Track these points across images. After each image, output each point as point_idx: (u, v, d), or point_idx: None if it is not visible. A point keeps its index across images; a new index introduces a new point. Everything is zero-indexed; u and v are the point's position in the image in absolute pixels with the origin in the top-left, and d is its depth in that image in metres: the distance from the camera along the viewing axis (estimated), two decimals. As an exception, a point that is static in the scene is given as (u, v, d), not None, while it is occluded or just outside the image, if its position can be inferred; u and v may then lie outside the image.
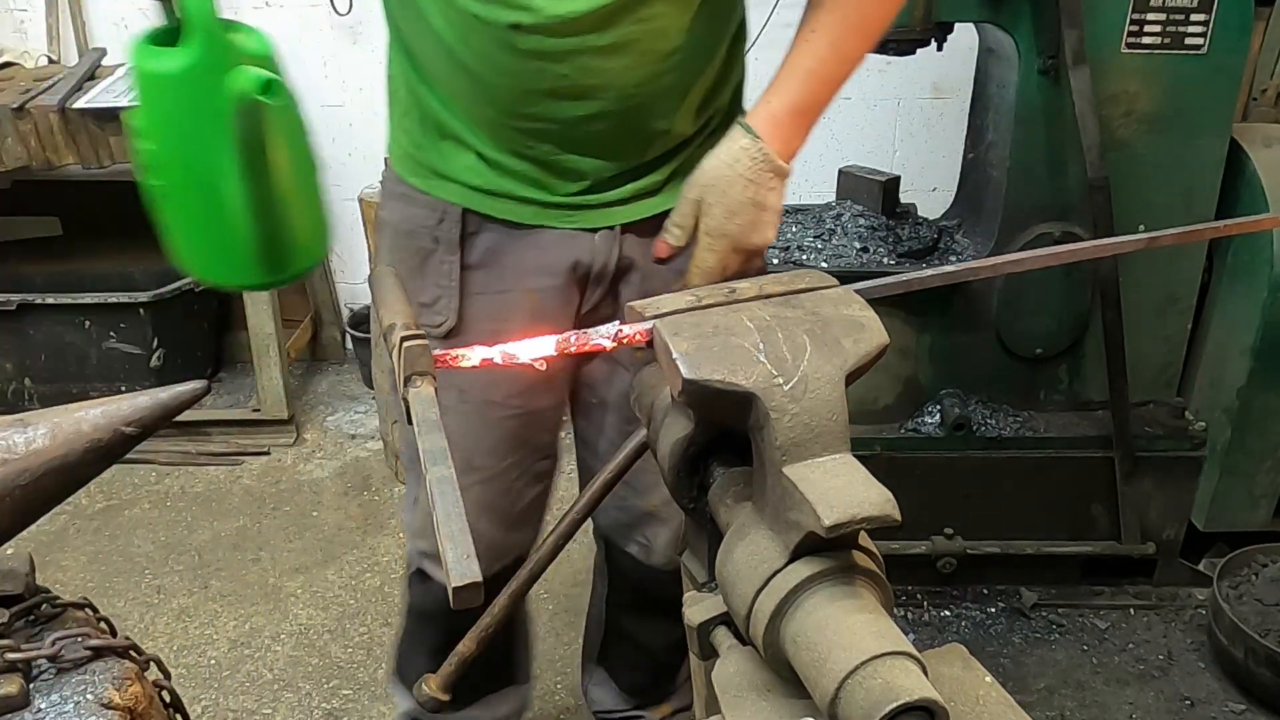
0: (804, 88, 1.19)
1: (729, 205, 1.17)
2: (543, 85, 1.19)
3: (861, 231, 2.32)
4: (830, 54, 1.18)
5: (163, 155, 1.04)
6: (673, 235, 1.21)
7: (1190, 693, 2.23)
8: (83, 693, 0.90)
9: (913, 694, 0.66)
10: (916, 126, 3.40)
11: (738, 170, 1.17)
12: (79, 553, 2.73)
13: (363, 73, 3.28)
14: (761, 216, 1.18)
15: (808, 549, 0.75)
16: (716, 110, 1.35)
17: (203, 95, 1.00)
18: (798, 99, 1.19)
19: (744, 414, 0.79)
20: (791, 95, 1.19)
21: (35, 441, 0.90)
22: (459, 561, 0.66)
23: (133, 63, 1.03)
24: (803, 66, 1.19)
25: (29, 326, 3.10)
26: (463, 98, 1.27)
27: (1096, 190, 2.05)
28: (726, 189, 1.16)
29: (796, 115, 1.19)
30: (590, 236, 1.35)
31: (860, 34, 1.20)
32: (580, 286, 1.39)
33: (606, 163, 1.29)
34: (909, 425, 2.37)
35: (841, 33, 1.18)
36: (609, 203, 1.33)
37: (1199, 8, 2.00)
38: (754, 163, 1.17)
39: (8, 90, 2.91)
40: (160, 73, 0.99)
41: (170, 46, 1.01)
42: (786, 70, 1.20)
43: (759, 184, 1.17)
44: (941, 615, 2.46)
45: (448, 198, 1.34)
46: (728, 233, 1.18)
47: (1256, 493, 2.35)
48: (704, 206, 1.17)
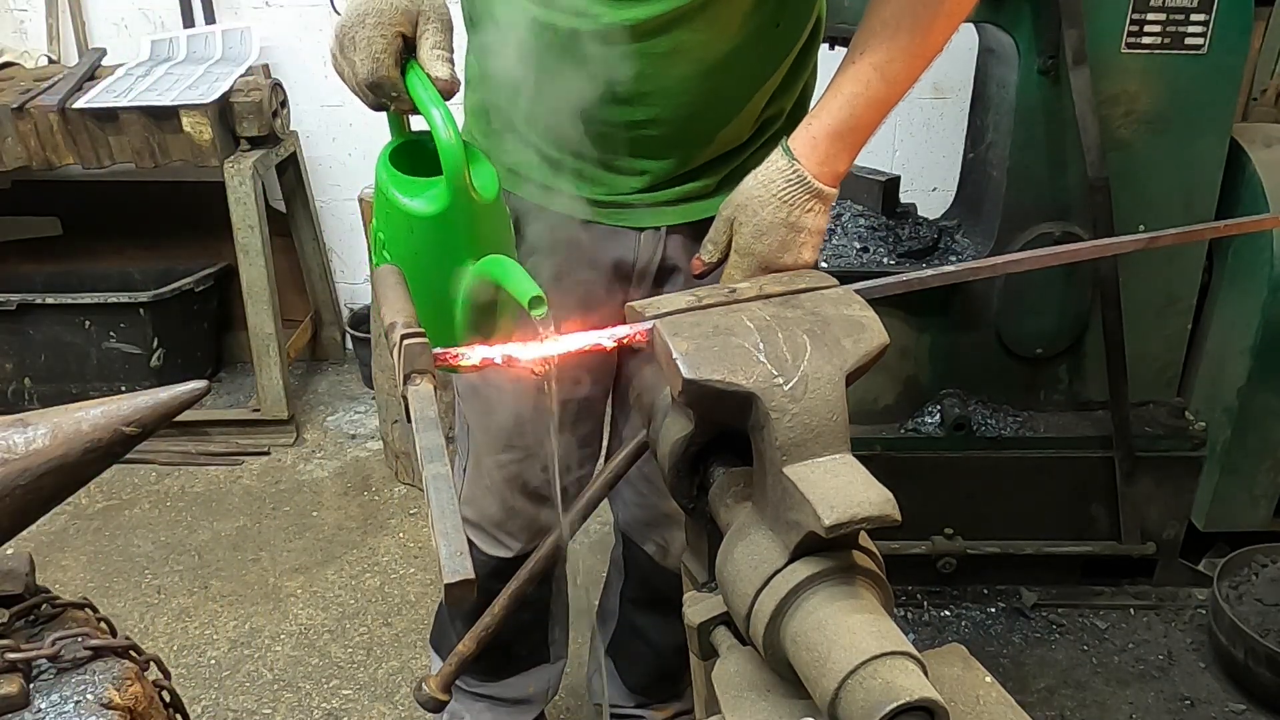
0: (846, 111, 1.18)
1: (758, 225, 1.16)
2: (600, 90, 1.22)
3: (861, 231, 2.32)
4: (876, 77, 1.18)
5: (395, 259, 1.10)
6: (706, 252, 1.21)
7: (1190, 693, 2.23)
8: (83, 693, 0.90)
9: (913, 694, 0.66)
10: (916, 126, 3.40)
11: (771, 191, 1.16)
12: (79, 553, 2.73)
13: (363, 73, 3.28)
14: (795, 238, 1.17)
15: (808, 549, 0.75)
16: (775, 115, 1.37)
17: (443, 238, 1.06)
18: (839, 122, 1.18)
19: (744, 414, 0.79)
20: (833, 118, 1.18)
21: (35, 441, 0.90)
22: (452, 558, 0.66)
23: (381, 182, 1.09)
24: (846, 90, 1.19)
25: (29, 326, 3.10)
26: (526, 96, 1.28)
27: (1096, 190, 2.05)
28: (758, 209, 1.16)
29: (837, 138, 1.18)
30: (636, 235, 1.38)
31: (909, 57, 1.19)
32: (623, 284, 1.42)
33: (660, 165, 1.32)
34: (909, 425, 2.37)
35: (889, 56, 1.17)
36: (657, 203, 1.35)
37: (1199, 8, 2.00)
38: (788, 184, 1.16)
39: (8, 90, 2.91)
40: (407, 210, 1.06)
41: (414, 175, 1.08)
42: (831, 92, 1.20)
43: (792, 205, 1.16)
44: (941, 615, 2.46)
45: (506, 186, 1.35)
46: (755, 252, 1.17)
47: (1256, 493, 2.35)
48: (736, 225, 1.18)
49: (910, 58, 1.19)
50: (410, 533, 2.79)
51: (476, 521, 1.63)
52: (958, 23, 1.19)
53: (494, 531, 1.63)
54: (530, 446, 1.54)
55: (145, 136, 2.84)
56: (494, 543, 1.64)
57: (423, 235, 1.06)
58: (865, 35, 1.18)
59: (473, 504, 1.62)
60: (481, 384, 1.51)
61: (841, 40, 2.14)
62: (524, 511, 1.61)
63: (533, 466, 1.56)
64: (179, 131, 2.83)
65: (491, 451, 1.56)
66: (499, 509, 1.61)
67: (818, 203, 1.18)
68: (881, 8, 1.17)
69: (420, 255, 1.07)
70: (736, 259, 1.20)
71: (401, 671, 2.35)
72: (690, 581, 0.99)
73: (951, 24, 1.19)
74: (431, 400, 0.82)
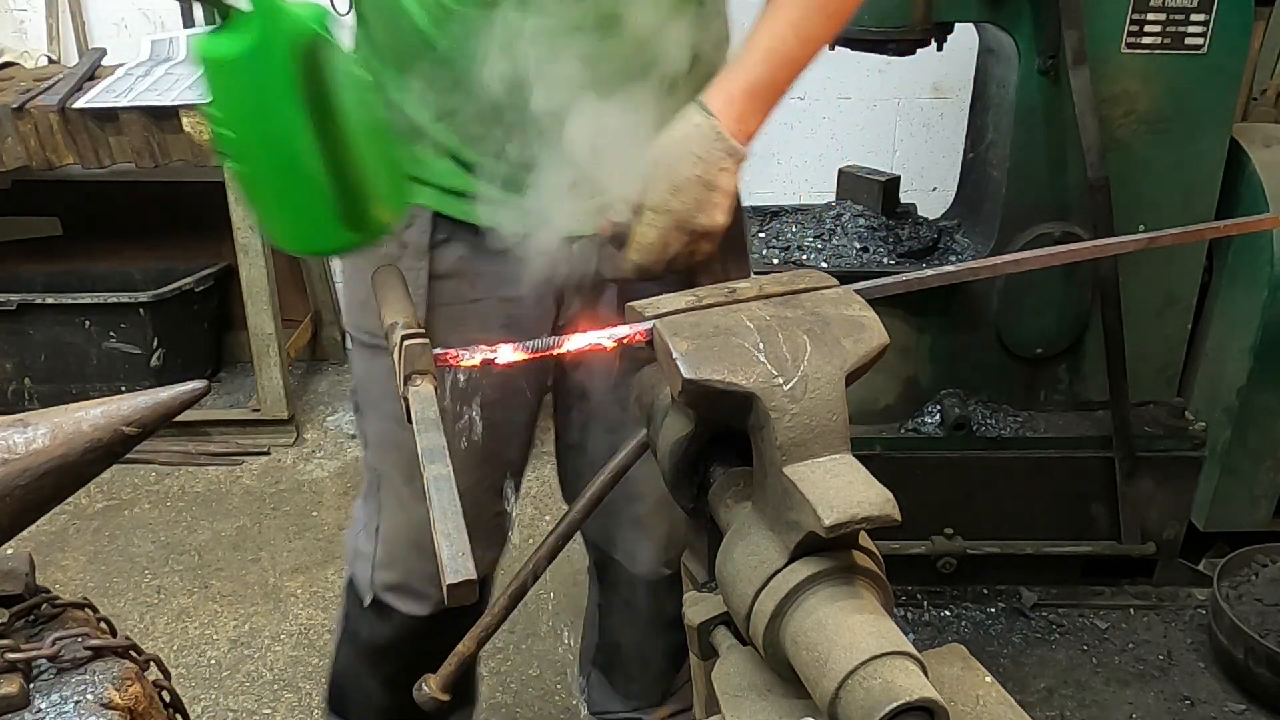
0: (763, 68, 1.16)
1: (674, 181, 1.12)
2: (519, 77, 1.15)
3: (861, 231, 2.32)
4: (791, 34, 1.16)
5: (242, 139, 1.04)
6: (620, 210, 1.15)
7: (1190, 693, 2.23)
8: (83, 693, 0.90)
9: (913, 694, 0.66)
10: (916, 126, 3.40)
11: (688, 147, 1.13)
12: (79, 553, 2.73)
13: (363, 73, 3.28)
14: (710, 197, 1.14)
15: (808, 549, 0.75)
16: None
17: (270, 69, 0.99)
18: (755, 79, 1.16)
19: (744, 414, 0.79)
20: (749, 75, 1.16)
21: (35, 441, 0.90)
22: (454, 558, 0.66)
23: (198, 55, 1.03)
24: (762, 45, 1.16)
25: (29, 326, 3.10)
26: (442, 93, 1.22)
27: (1096, 190, 2.05)
28: (674, 164, 1.12)
29: (754, 96, 1.16)
30: (567, 246, 1.32)
31: (824, 15, 1.18)
32: (557, 297, 1.36)
33: None
34: (909, 425, 2.37)
35: (804, 13, 1.16)
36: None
37: (1199, 8, 2.00)
38: (705, 140, 1.13)
39: (8, 90, 2.91)
40: (226, 58, 0.99)
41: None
42: (746, 49, 1.17)
43: (709, 162, 1.13)
44: (941, 615, 2.46)
45: (417, 201, 1.29)
46: (671, 209, 1.13)
47: (1256, 493, 2.35)
48: (649, 181, 1.13)
49: (825, 17, 1.18)
50: (410, 533, 2.79)
51: (402, 582, 1.50)
52: None
53: (422, 588, 1.50)
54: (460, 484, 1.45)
55: (145, 136, 2.84)
56: (421, 600, 1.51)
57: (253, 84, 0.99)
58: None
59: (395, 564, 1.49)
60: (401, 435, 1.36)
61: (841, 40, 2.14)
62: None
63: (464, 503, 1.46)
64: (179, 131, 2.83)
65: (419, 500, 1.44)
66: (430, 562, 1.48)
67: (733, 161, 1.15)
68: None
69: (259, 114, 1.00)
70: (651, 215, 1.15)
71: (401, 671, 2.35)
72: (690, 581, 0.99)
73: None
74: (432, 401, 0.82)
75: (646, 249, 1.16)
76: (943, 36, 2.11)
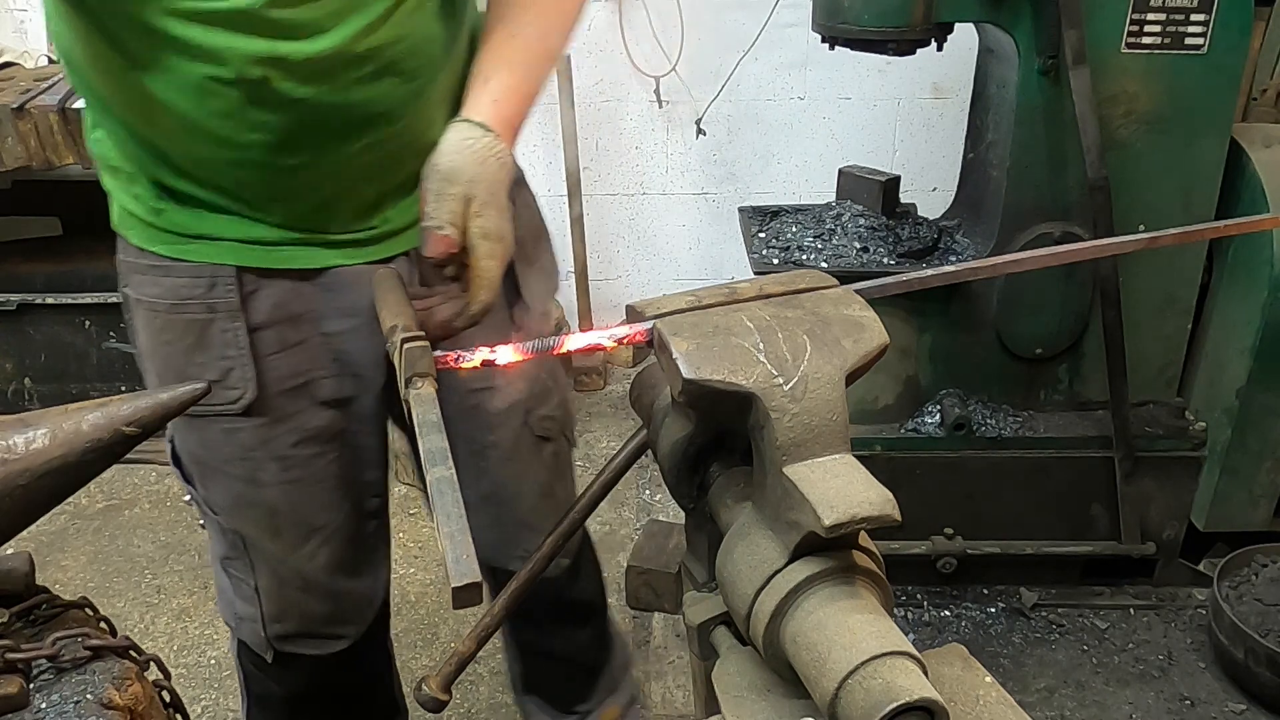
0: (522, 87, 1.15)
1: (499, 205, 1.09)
2: (306, 129, 1.13)
3: (861, 231, 2.32)
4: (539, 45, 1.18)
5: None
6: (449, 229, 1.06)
7: (1190, 693, 2.23)
8: (83, 693, 0.90)
9: (913, 694, 0.66)
10: (916, 126, 3.40)
11: (491, 169, 1.09)
12: (79, 553, 2.73)
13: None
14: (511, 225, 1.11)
15: (808, 549, 0.75)
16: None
17: None
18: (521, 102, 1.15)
19: (744, 414, 0.79)
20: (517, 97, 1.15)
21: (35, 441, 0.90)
22: (459, 561, 0.66)
23: None
24: (521, 61, 1.16)
25: (29, 326, 3.10)
26: (212, 162, 1.16)
27: (1096, 190, 2.05)
28: (494, 189, 1.09)
29: (522, 118, 1.15)
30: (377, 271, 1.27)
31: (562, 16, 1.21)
32: None
33: (382, 189, 1.24)
34: (909, 425, 2.37)
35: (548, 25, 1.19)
36: (395, 231, 1.27)
37: (1199, 8, 2.00)
38: (500, 165, 1.11)
39: (8, 90, 2.91)
40: None
41: None
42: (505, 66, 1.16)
43: (507, 185, 1.11)
44: (941, 615, 2.46)
45: (216, 260, 1.22)
46: (505, 236, 1.09)
47: (1256, 493, 2.35)
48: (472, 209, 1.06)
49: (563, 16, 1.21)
50: (410, 533, 2.79)
51: (300, 630, 1.44)
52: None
53: (324, 629, 1.46)
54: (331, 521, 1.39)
55: (145, 136, 2.83)
56: (326, 641, 1.47)
57: None
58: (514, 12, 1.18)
59: (288, 613, 1.43)
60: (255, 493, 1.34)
61: (842, 40, 2.14)
62: (353, 589, 1.47)
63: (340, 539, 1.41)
64: (179, 131, 2.83)
65: (293, 549, 1.38)
66: (324, 603, 1.44)
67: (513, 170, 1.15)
68: None
69: None
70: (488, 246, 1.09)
71: (401, 671, 2.34)
72: (690, 581, 0.99)
73: None
74: (433, 403, 0.82)
75: (492, 284, 1.10)
76: (943, 36, 2.11)
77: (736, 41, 3.23)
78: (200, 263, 1.22)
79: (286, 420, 1.30)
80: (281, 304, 1.26)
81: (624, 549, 2.73)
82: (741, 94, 3.36)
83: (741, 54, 3.22)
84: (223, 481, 1.34)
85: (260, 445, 1.30)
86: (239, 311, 1.23)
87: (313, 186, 1.19)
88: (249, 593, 1.41)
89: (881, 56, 2.16)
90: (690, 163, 3.51)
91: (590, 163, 3.48)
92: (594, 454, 3.22)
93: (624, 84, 3.40)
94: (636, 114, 3.45)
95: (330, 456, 1.36)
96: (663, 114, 3.43)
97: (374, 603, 1.52)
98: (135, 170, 1.21)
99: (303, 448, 1.33)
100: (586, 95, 3.38)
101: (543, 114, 3.42)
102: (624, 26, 3.31)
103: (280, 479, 1.33)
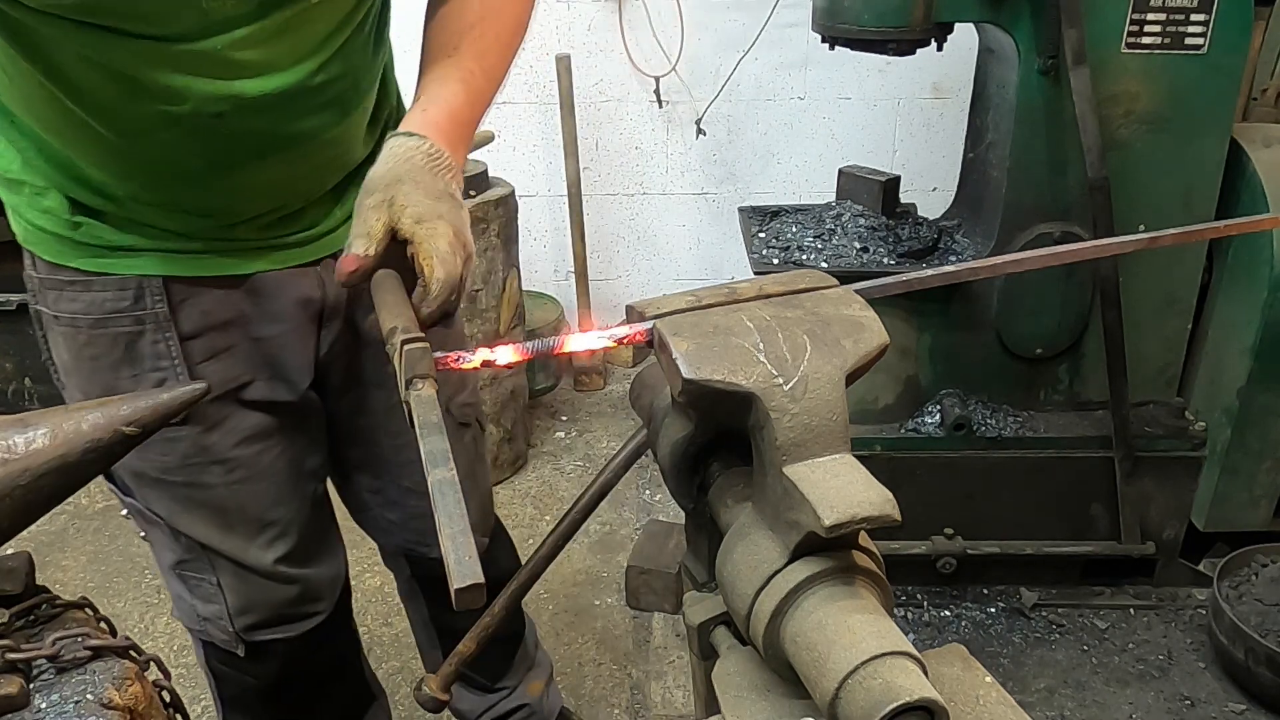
0: (461, 99, 1.14)
1: (428, 190, 1.03)
2: (245, 152, 1.14)
3: (861, 231, 2.32)
4: (479, 69, 1.18)
5: None
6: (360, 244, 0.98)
7: (1190, 693, 2.23)
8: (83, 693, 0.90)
9: (913, 694, 0.66)
10: (916, 126, 3.40)
11: (416, 163, 1.06)
12: (79, 553, 2.73)
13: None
14: (460, 214, 1.06)
15: (808, 549, 0.75)
16: (388, 114, 1.35)
17: None
18: (454, 110, 1.13)
19: (744, 414, 0.79)
20: (448, 105, 1.13)
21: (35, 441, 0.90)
22: (461, 563, 0.66)
23: None
24: (454, 76, 1.16)
25: (29, 326, 3.09)
26: (140, 179, 1.15)
27: (1096, 190, 2.05)
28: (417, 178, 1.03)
29: (456, 125, 1.13)
30: (313, 270, 1.30)
31: (503, 48, 1.22)
32: (315, 324, 1.34)
33: (307, 199, 1.25)
34: (909, 425, 2.37)
35: (486, 48, 1.19)
36: (319, 235, 1.29)
37: (1199, 8, 2.00)
38: (428, 157, 1.07)
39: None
40: None
41: None
42: (436, 82, 1.15)
43: (440, 174, 1.06)
44: (941, 615, 2.46)
45: (142, 271, 1.20)
46: (441, 214, 1.01)
47: (1256, 493, 2.35)
48: (397, 204, 1.01)
49: (504, 47, 1.21)
50: (410, 533, 2.79)
51: (268, 616, 1.43)
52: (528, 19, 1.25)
53: (294, 610, 1.46)
54: (284, 517, 1.40)
55: (145, 136, 2.83)
56: (298, 622, 1.47)
57: None
58: (459, 30, 1.18)
59: (255, 604, 1.42)
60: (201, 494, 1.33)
61: (842, 40, 2.14)
62: (318, 574, 1.47)
63: (295, 531, 1.41)
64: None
65: (249, 541, 1.38)
66: (290, 586, 1.44)
67: (456, 177, 1.09)
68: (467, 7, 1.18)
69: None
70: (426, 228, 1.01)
71: (401, 671, 2.35)
72: (690, 581, 0.99)
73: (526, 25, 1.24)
74: (434, 404, 0.82)
75: (444, 259, 0.99)
76: (943, 36, 2.11)
77: (736, 41, 3.23)
78: (124, 275, 1.20)
79: (223, 424, 1.30)
80: (210, 311, 1.25)
81: (624, 549, 2.73)
82: (741, 94, 3.36)
83: (741, 54, 3.22)
84: (166, 490, 1.33)
85: (200, 452, 1.30)
86: (169, 322, 1.22)
87: (242, 199, 1.20)
88: (210, 591, 1.40)
89: (881, 56, 2.16)
90: (690, 163, 3.51)
91: (590, 163, 3.48)
92: (594, 454, 3.23)
93: (624, 84, 3.40)
94: (636, 114, 3.45)
95: (275, 451, 1.37)
96: (663, 114, 3.43)
97: (339, 579, 1.54)
98: (45, 184, 1.17)
99: (244, 447, 1.33)
100: (586, 95, 3.38)
101: (543, 114, 3.42)
102: (624, 26, 3.31)
103: (226, 480, 1.33)
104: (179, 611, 1.48)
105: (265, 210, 1.23)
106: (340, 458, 1.54)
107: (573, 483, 3.09)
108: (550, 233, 3.58)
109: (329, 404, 1.45)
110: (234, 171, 1.16)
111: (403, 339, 0.87)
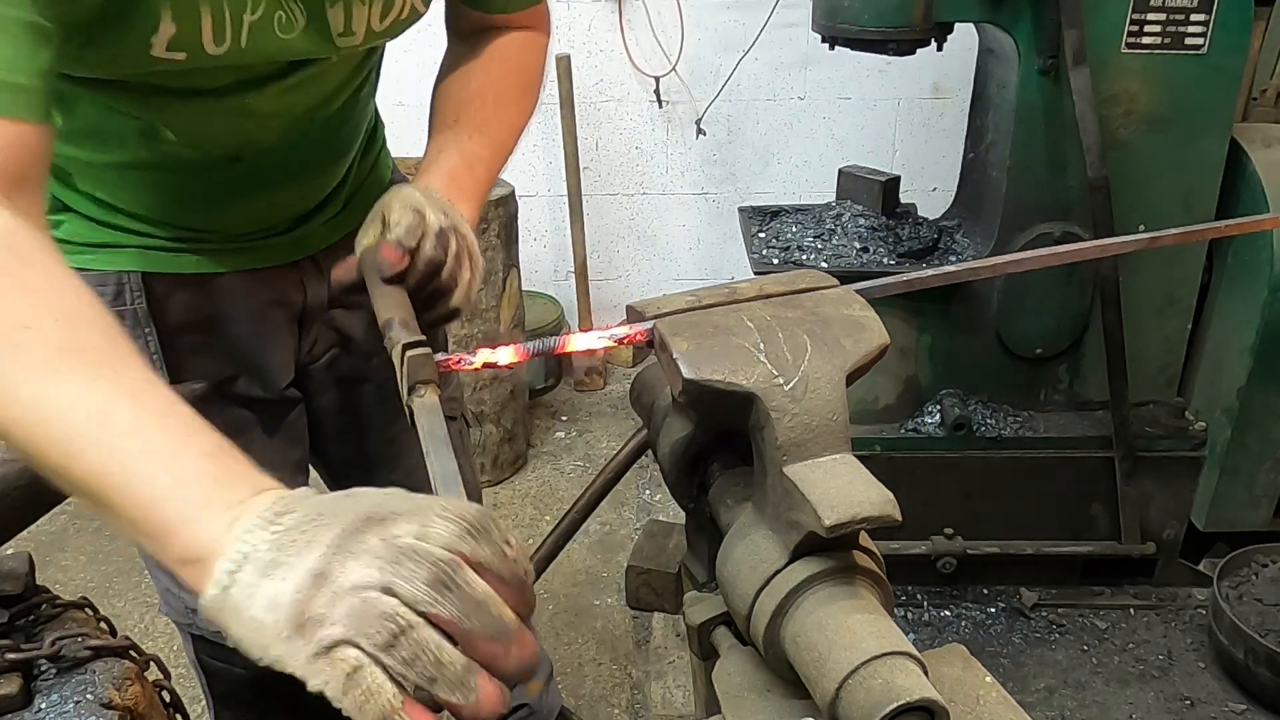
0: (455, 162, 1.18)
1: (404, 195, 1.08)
2: (250, 190, 1.18)
3: (861, 231, 2.32)
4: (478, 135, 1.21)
5: None
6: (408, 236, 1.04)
7: (1190, 693, 2.23)
8: (83, 693, 0.90)
9: (913, 694, 0.66)
10: (916, 126, 3.40)
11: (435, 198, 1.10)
12: (79, 553, 2.73)
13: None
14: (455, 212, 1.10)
15: (808, 549, 0.75)
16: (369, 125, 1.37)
17: None
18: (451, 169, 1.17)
19: (744, 414, 0.79)
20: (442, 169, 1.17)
21: (35, 441, 0.89)
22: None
23: None
24: (452, 145, 1.19)
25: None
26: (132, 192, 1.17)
27: (1096, 190, 2.05)
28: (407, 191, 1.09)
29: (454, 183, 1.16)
30: (293, 269, 1.31)
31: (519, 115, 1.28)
32: (297, 322, 1.35)
33: (290, 214, 1.28)
34: (909, 425, 2.37)
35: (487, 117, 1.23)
36: (301, 236, 1.30)
37: (1199, 8, 2.00)
38: (424, 190, 1.10)
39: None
40: None
41: None
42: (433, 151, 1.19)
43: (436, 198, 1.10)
44: (941, 615, 2.46)
45: (122, 267, 1.20)
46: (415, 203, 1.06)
47: (1256, 493, 2.35)
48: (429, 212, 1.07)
49: (507, 115, 1.26)
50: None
51: None
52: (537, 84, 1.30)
53: None
54: None
55: (145, 136, 2.83)
56: None
57: None
58: (460, 101, 1.23)
59: None
60: None
61: (842, 40, 2.14)
62: None
63: None
64: (179, 131, 2.82)
65: None
66: None
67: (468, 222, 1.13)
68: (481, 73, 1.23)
69: None
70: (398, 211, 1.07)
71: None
72: (690, 581, 0.99)
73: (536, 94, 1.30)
74: (438, 411, 0.82)
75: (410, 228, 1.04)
76: (943, 36, 2.11)
77: (736, 41, 3.24)
78: (104, 271, 1.20)
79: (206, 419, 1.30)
80: (190, 308, 1.25)
81: (624, 549, 2.73)
82: (741, 94, 3.36)
83: (741, 54, 3.22)
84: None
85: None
86: (148, 317, 1.22)
87: (236, 221, 1.24)
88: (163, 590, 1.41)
89: (881, 56, 2.16)
90: (690, 163, 3.51)
91: (590, 163, 3.48)
92: (594, 454, 3.23)
93: (624, 84, 3.40)
94: (636, 114, 3.45)
95: (257, 445, 1.36)
96: (663, 114, 3.43)
97: None
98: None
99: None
100: (586, 95, 3.38)
101: (543, 114, 3.42)
102: (624, 26, 3.31)
103: None
104: (166, 607, 1.47)
105: (255, 230, 1.26)
106: (329, 456, 1.54)
107: (573, 483, 3.09)
108: (550, 233, 3.58)
109: (313, 403, 1.45)
110: (234, 201, 1.20)
111: (404, 344, 0.87)
